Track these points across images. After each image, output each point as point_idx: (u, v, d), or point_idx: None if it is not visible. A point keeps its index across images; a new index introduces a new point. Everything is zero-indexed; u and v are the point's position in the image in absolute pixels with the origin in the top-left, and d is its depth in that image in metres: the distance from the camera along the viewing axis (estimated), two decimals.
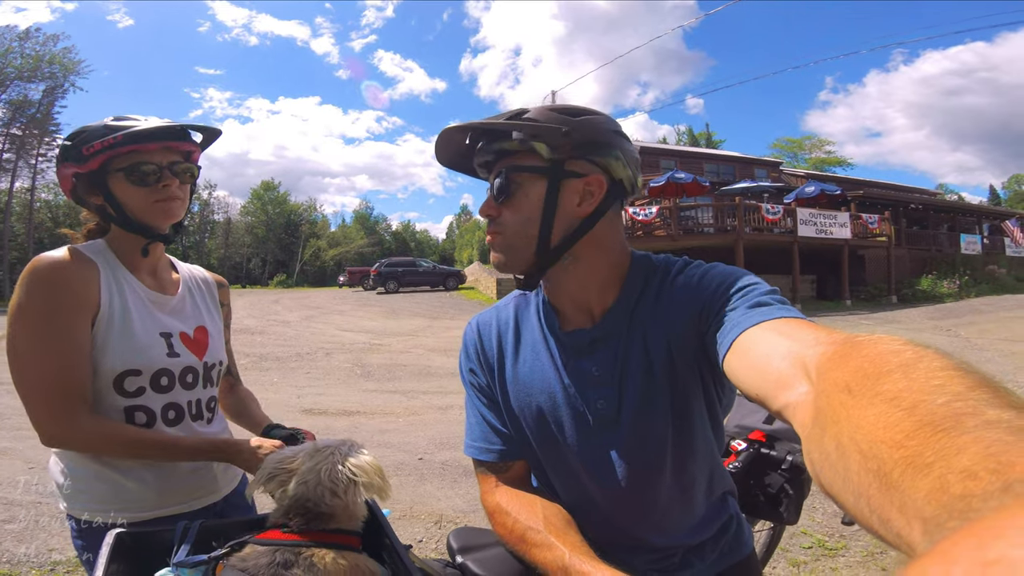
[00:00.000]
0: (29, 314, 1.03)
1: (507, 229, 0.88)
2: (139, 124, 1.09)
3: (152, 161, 1.10)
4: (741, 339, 0.68)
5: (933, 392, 0.34)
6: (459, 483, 3.80)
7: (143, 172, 1.10)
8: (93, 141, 1.06)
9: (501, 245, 0.90)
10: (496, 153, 0.88)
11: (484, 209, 0.91)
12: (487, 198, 0.91)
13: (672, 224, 16.65)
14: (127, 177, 1.09)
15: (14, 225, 34.26)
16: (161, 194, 1.11)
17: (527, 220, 0.87)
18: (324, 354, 9.68)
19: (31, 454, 4.25)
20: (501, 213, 0.89)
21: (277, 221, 53.75)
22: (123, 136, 1.05)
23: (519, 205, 0.87)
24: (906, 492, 0.30)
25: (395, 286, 23.29)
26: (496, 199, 0.89)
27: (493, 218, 0.90)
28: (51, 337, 1.03)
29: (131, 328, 1.10)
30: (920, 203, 23.48)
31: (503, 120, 0.87)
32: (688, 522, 0.94)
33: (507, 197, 0.87)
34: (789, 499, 1.29)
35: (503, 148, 0.87)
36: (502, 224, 0.89)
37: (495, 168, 0.90)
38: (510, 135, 0.85)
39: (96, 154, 1.06)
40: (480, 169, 0.95)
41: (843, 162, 45.38)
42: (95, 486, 1.10)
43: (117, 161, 1.09)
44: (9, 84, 32.95)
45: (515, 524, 0.89)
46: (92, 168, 1.08)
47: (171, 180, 1.12)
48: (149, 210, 1.12)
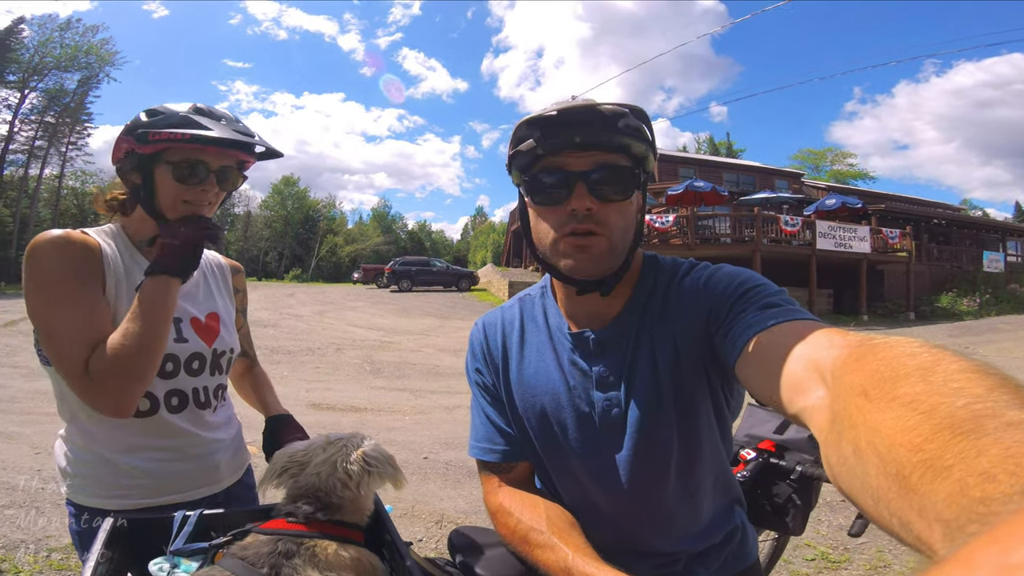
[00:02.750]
0: (41, 284, 1.01)
1: (613, 231, 0.84)
2: (211, 130, 1.06)
3: (204, 161, 1.10)
4: (753, 342, 0.67)
5: (952, 395, 0.33)
6: (462, 484, 3.80)
7: (189, 170, 1.09)
8: (163, 129, 1.05)
9: (602, 247, 0.84)
10: (619, 147, 0.82)
11: (584, 202, 0.81)
12: (579, 190, 0.82)
13: (689, 233, 16.55)
14: (173, 171, 1.08)
15: (40, 211, 35.01)
16: (194, 195, 1.11)
17: (628, 227, 0.86)
18: (335, 349, 9.75)
19: (38, 439, 4.30)
20: (602, 211, 0.83)
21: (295, 216, 54.27)
22: (190, 137, 1.05)
23: (626, 210, 0.85)
24: (925, 495, 0.30)
25: (408, 285, 23.41)
26: (603, 196, 0.82)
27: (591, 214, 0.82)
28: (66, 299, 1.01)
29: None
30: (943, 218, 23.02)
31: (638, 119, 0.83)
32: (693, 527, 0.93)
33: (623, 198, 0.84)
34: (796, 509, 1.28)
35: (629, 145, 0.82)
36: (607, 225, 0.83)
37: (598, 159, 0.82)
38: (642, 136, 0.83)
39: (158, 142, 1.06)
40: (567, 149, 0.82)
41: (865, 175, 44.75)
42: (96, 471, 1.11)
43: (172, 153, 1.08)
44: (47, 73, 33.79)
45: (518, 525, 0.88)
46: (147, 152, 1.08)
47: (211, 186, 1.12)
48: (175, 207, 1.11)
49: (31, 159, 34.13)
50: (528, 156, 0.84)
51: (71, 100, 35.10)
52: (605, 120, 0.81)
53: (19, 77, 32.69)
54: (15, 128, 32.91)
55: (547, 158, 0.84)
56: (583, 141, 0.81)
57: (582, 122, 0.81)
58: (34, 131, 34.11)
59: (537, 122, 0.82)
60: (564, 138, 0.81)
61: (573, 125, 0.81)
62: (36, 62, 33.06)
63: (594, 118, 0.81)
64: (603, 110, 0.80)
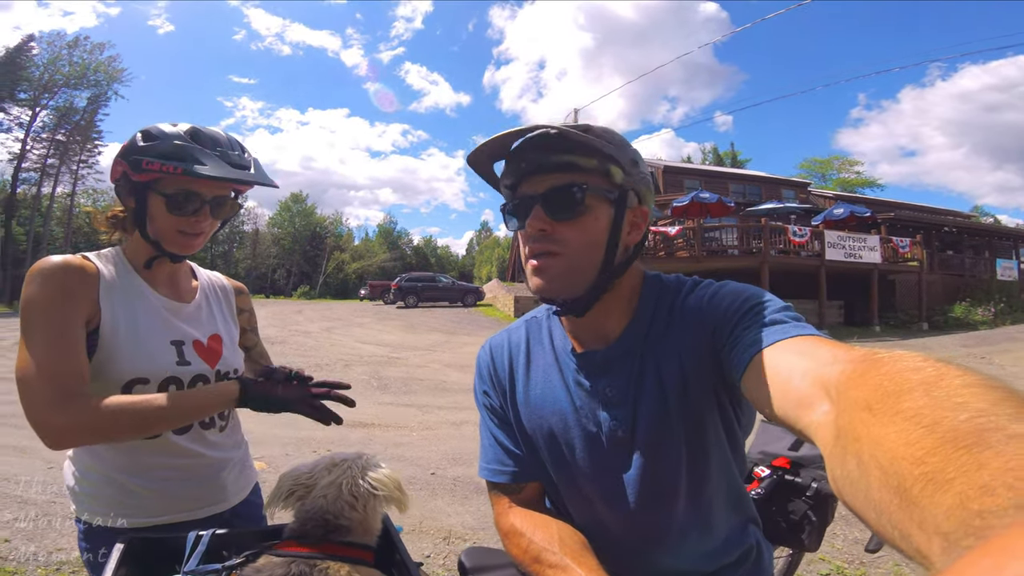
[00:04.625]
0: (27, 308, 1.02)
1: (570, 250, 0.83)
2: (204, 164, 1.06)
3: (198, 192, 1.10)
4: (758, 359, 0.67)
5: (955, 409, 0.33)
6: (470, 500, 3.77)
7: (182, 202, 1.09)
8: (155, 159, 1.05)
9: (560, 267, 0.84)
10: (564, 166, 0.82)
11: (535, 223, 0.83)
12: (535, 212, 0.83)
13: (695, 245, 16.45)
14: (166, 202, 1.09)
15: (53, 229, 35.44)
16: (188, 227, 1.11)
17: (593, 244, 0.83)
18: (343, 365, 9.76)
19: (50, 454, 4.27)
20: (558, 231, 0.83)
21: (303, 233, 54.80)
22: (181, 170, 1.04)
23: (586, 226, 0.83)
24: (926, 508, 0.30)
25: (415, 301, 23.50)
26: (555, 215, 0.82)
27: (546, 235, 0.83)
28: (44, 327, 1.01)
29: (138, 336, 1.10)
30: (954, 226, 22.72)
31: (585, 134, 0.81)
32: (706, 546, 0.92)
33: (574, 216, 0.82)
34: (812, 526, 1.26)
35: (574, 162, 0.81)
36: (562, 243, 0.83)
37: (550, 180, 0.83)
38: (589, 150, 0.81)
39: (151, 171, 1.06)
40: (523, 176, 0.85)
41: (873, 183, 44.59)
42: (103, 490, 1.12)
43: (164, 184, 1.08)
44: (57, 91, 34.34)
45: (530, 545, 0.87)
46: (141, 180, 1.08)
47: (205, 216, 1.12)
48: (170, 236, 1.11)
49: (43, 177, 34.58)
50: (504, 187, 0.89)
51: (81, 118, 35.65)
52: (546, 142, 0.82)
53: (30, 95, 33.18)
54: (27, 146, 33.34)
55: (519, 186, 0.87)
56: (528, 167, 0.84)
57: (526, 148, 0.83)
58: (46, 149, 34.55)
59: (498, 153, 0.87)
60: (515, 166, 0.85)
61: (521, 152, 0.84)
62: (46, 79, 33.58)
63: (528, 143, 0.83)
64: (535, 136, 0.81)
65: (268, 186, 1.17)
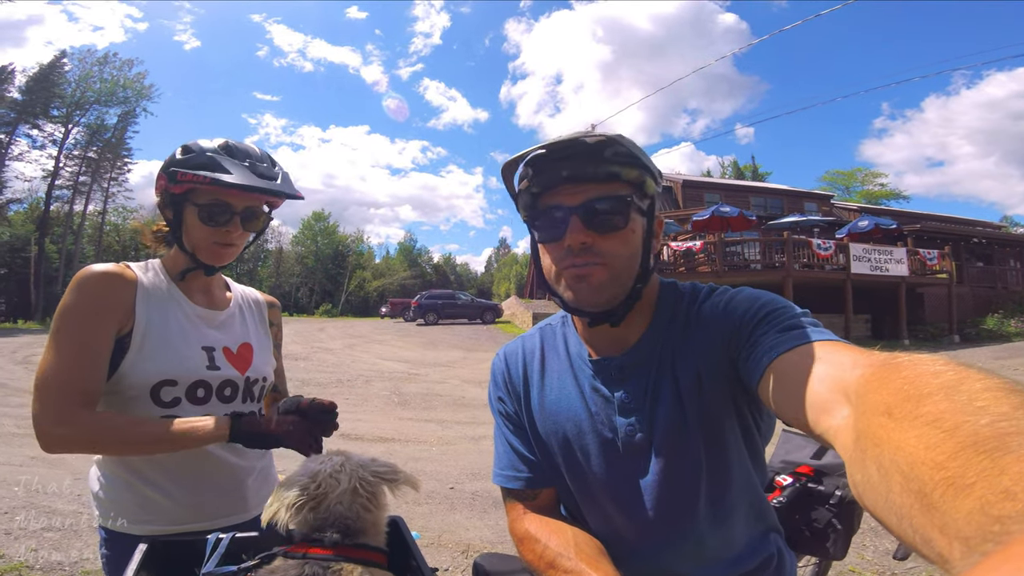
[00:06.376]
0: (60, 314, 1.08)
1: (615, 261, 0.83)
2: (232, 173, 1.10)
3: (229, 202, 1.14)
4: (776, 364, 0.66)
5: (976, 413, 0.33)
6: (488, 514, 3.75)
7: (214, 213, 1.14)
8: (188, 170, 1.11)
9: (605, 278, 0.83)
10: (606, 176, 0.81)
11: (577, 236, 0.81)
12: (574, 224, 0.81)
13: (717, 260, 16.26)
14: (199, 212, 1.14)
15: (84, 247, 36.30)
16: (220, 238, 1.16)
17: (634, 255, 0.84)
18: (364, 381, 9.84)
19: (78, 465, 4.43)
20: (598, 243, 0.82)
21: (325, 251, 55.62)
22: (210, 180, 1.10)
23: (627, 239, 0.83)
24: (947, 513, 0.30)
25: (434, 318, 23.65)
26: (598, 228, 0.82)
27: (586, 247, 0.82)
28: (65, 335, 1.06)
29: (169, 339, 1.14)
30: (983, 237, 22.09)
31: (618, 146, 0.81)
32: (725, 554, 0.90)
33: (616, 228, 0.82)
34: (837, 534, 1.22)
35: (618, 173, 0.81)
36: (606, 255, 0.82)
37: (589, 191, 0.81)
38: (633, 161, 0.81)
39: (185, 183, 1.12)
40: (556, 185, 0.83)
41: (898, 195, 43.74)
42: (125, 497, 1.14)
43: (197, 195, 1.13)
44: (88, 108, 34.97)
45: (545, 551, 0.86)
46: (176, 192, 1.14)
47: (235, 227, 1.17)
48: (204, 247, 1.16)
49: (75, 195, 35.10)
50: (527, 194, 0.86)
51: (112, 135, 36.23)
52: (590, 151, 0.80)
53: (62, 112, 33.72)
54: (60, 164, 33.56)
55: (544, 195, 0.85)
56: (570, 175, 0.81)
57: (568, 156, 0.81)
58: (78, 166, 35.04)
59: (529, 160, 0.85)
60: (553, 174, 0.82)
61: (560, 160, 0.81)
62: (78, 96, 34.15)
63: (578, 151, 0.81)
64: (587, 142, 0.80)
65: (294, 198, 1.20)
